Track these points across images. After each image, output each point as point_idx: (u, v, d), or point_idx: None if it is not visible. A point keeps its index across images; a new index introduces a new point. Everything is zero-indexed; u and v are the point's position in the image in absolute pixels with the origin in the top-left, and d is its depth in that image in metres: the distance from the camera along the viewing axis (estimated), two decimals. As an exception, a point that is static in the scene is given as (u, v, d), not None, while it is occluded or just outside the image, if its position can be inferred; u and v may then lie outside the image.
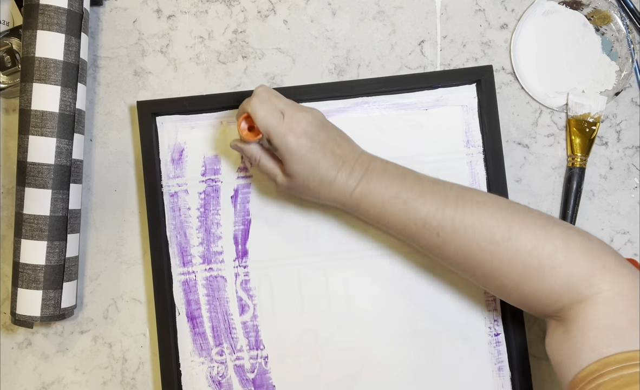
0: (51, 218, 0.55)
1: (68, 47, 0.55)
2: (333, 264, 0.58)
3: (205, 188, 0.59)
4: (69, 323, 0.61)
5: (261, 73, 0.61)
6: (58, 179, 0.55)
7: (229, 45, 0.61)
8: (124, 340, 0.61)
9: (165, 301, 0.58)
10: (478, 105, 0.58)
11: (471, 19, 0.61)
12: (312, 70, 0.61)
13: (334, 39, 0.61)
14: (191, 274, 0.59)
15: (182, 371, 0.58)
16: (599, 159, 0.60)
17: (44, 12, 0.54)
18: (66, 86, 0.55)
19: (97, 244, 0.61)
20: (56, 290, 0.55)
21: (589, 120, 0.58)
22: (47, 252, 0.55)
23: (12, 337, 0.61)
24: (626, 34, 0.59)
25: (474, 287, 0.57)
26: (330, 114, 0.58)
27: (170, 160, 0.59)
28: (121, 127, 0.61)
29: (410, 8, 0.61)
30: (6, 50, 0.59)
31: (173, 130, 0.59)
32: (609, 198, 0.59)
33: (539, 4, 0.60)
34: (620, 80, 0.59)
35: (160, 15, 0.62)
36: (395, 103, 0.58)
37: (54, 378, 0.61)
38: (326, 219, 0.58)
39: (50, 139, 0.54)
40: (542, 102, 0.60)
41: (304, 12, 0.61)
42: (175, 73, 0.61)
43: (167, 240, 0.59)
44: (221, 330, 0.59)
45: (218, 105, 0.58)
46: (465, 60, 0.61)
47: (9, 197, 0.62)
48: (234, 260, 0.59)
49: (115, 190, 0.61)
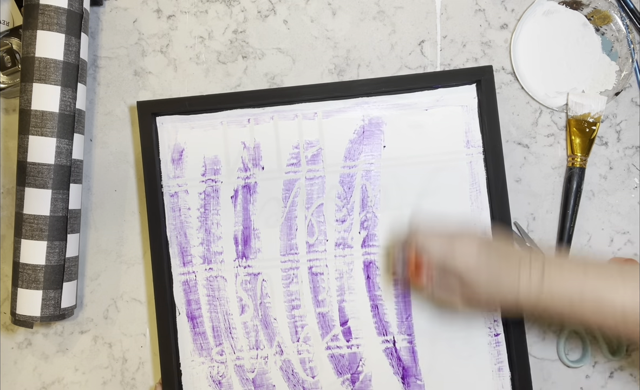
0: (51, 218, 0.55)
1: (68, 47, 0.55)
2: (333, 264, 0.58)
3: (205, 188, 0.59)
4: (69, 323, 0.61)
5: (261, 73, 0.61)
6: (58, 179, 0.55)
7: (229, 45, 0.61)
8: (124, 340, 0.61)
9: (165, 301, 0.58)
10: (478, 106, 0.58)
11: (471, 19, 0.61)
12: (312, 70, 0.61)
13: (334, 39, 0.61)
14: (191, 274, 0.59)
15: (182, 371, 0.58)
16: (599, 159, 0.60)
17: (44, 12, 0.54)
18: (66, 86, 0.55)
19: (97, 244, 0.61)
20: (56, 290, 0.55)
21: (589, 120, 0.58)
22: (47, 252, 0.55)
23: (12, 337, 0.61)
24: (626, 34, 0.59)
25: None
26: (330, 114, 0.58)
27: (170, 161, 0.59)
28: (121, 127, 0.61)
29: (410, 8, 0.61)
30: (6, 50, 0.59)
31: (173, 131, 0.59)
32: (609, 198, 0.59)
33: (539, 4, 0.60)
34: (620, 80, 0.59)
35: (160, 15, 0.62)
36: (395, 103, 0.58)
37: (54, 378, 0.61)
38: (326, 219, 0.58)
39: (50, 139, 0.54)
40: (542, 102, 0.60)
41: (304, 12, 0.61)
42: (175, 73, 0.61)
43: (167, 240, 0.59)
44: (221, 330, 0.59)
45: (218, 105, 0.58)
46: (465, 60, 0.60)
47: (9, 197, 0.62)
48: (234, 260, 0.59)
49: (115, 190, 0.61)
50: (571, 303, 0.46)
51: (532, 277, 0.47)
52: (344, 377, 0.58)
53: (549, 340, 0.59)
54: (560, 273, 0.47)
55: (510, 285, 0.47)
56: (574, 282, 0.46)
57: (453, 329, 0.57)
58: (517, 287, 0.47)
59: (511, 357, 0.57)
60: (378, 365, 0.58)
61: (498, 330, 0.57)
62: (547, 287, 0.46)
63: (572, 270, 0.47)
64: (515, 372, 0.56)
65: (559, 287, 0.46)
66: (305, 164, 0.58)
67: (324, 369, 0.58)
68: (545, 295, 0.46)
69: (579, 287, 0.46)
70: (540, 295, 0.47)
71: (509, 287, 0.47)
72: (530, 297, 0.47)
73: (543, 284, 0.46)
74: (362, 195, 0.58)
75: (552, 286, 0.46)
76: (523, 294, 0.47)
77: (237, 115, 0.59)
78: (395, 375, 0.58)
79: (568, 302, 0.46)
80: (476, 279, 0.48)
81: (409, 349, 0.58)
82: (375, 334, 0.58)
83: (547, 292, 0.46)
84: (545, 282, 0.46)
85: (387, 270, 0.58)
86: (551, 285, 0.46)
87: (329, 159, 0.58)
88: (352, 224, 0.58)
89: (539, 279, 0.47)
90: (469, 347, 0.57)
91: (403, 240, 0.53)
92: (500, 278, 0.48)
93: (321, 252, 0.58)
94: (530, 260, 0.48)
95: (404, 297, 0.58)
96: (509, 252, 0.49)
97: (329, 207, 0.58)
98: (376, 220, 0.58)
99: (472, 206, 0.58)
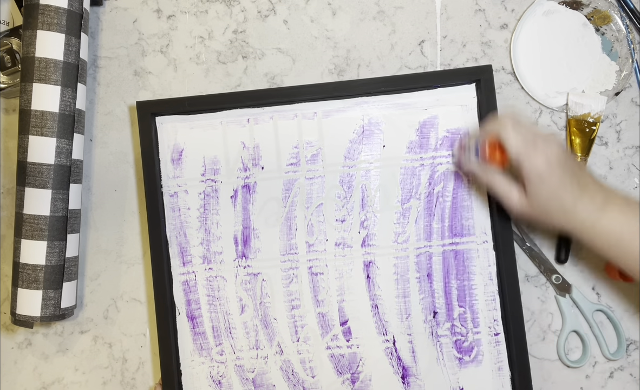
0: (51, 218, 0.55)
1: (68, 47, 0.55)
2: (333, 264, 0.58)
3: (204, 188, 0.59)
4: (69, 323, 0.61)
5: (261, 73, 0.61)
6: (58, 179, 0.55)
7: (229, 45, 0.61)
8: (124, 340, 0.61)
9: (165, 301, 0.58)
10: (478, 105, 0.58)
11: (471, 19, 0.61)
12: (312, 70, 0.61)
13: (334, 39, 0.61)
14: (191, 274, 0.59)
15: (182, 371, 0.58)
16: (599, 159, 0.60)
17: (44, 12, 0.54)
18: (66, 86, 0.55)
19: (97, 244, 0.61)
20: (56, 290, 0.55)
21: (589, 120, 0.58)
22: (47, 252, 0.55)
23: (12, 337, 0.61)
24: (626, 34, 0.59)
25: (473, 287, 0.57)
26: (330, 114, 0.58)
27: (170, 161, 0.59)
28: (121, 127, 0.62)
29: (410, 8, 0.61)
30: (6, 50, 0.59)
31: (173, 131, 0.59)
32: (609, 198, 0.59)
33: (539, 4, 0.60)
34: (620, 80, 0.59)
35: (160, 15, 0.62)
36: (395, 103, 0.58)
37: (54, 378, 0.61)
38: (326, 219, 0.58)
39: (50, 139, 0.54)
40: (542, 102, 0.60)
41: (304, 12, 0.61)
42: (175, 73, 0.61)
43: (167, 240, 0.59)
44: (221, 330, 0.59)
45: (218, 105, 0.58)
46: (465, 60, 0.60)
47: (9, 197, 0.62)
48: (234, 260, 0.59)
49: (115, 190, 0.61)
50: (621, 241, 0.48)
51: (593, 203, 0.48)
52: (344, 377, 0.58)
53: (549, 340, 0.59)
54: (620, 209, 0.48)
55: (570, 204, 0.48)
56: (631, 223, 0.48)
57: (453, 328, 0.57)
58: (574, 208, 0.48)
59: (511, 356, 0.57)
60: (378, 365, 0.58)
61: (498, 330, 0.57)
62: (603, 217, 0.48)
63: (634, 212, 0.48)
64: (515, 371, 0.56)
65: (615, 221, 0.48)
66: (305, 163, 0.58)
67: (323, 369, 0.58)
68: (599, 225, 0.48)
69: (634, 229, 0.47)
70: (594, 223, 0.48)
71: (569, 206, 0.49)
72: (584, 221, 0.49)
73: (601, 213, 0.48)
74: (361, 195, 0.58)
75: (608, 218, 0.48)
76: (578, 216, 0.49)
77: (236, 115, 0.59)
78: (395, 375, 0.58)
79: (618, 238, 0.48)
80: (544, 185, 0.49)
81: (409, 349, 0.58)
82: (375, 334, 0.58)
83: (602, 222, 0.48)
84: (604, 212, 0.48)
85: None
86: (607, 217, 0.48)
87: (329, 159, 0.58)
88: (351, 223, 0.58)
89: (598, 207, 0.48)
90: (469, 347, 0.57)
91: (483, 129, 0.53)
92: (564, 195, 0.48)
93: (321, 252, 0.58)
94: (597, 187, 0.49)
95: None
96: (580, 174, 0.50)
97: (329, 207, 0.58)
98: (376, 220, 0.58)
99: (474, 204, 0.58)
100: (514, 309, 0.56)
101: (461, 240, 0.58)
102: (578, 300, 0.58)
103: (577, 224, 0.49)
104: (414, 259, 0.58)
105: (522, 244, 0.59)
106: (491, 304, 0.57)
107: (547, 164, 0.48)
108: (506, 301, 0.56)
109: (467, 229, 0.58)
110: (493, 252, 0.57)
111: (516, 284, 0.56)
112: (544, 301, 0.59)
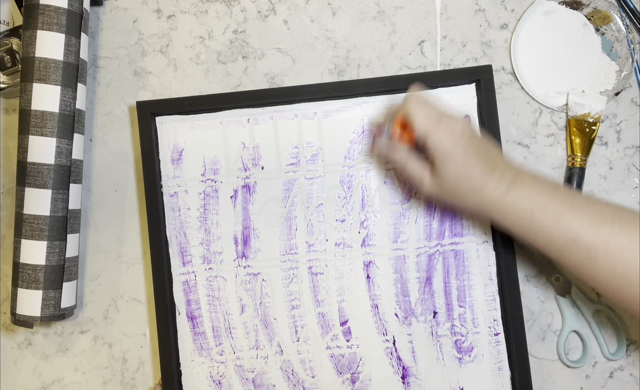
0: (51, 218, 0.55)
1: (68, 47, 0.55)
2: (333, 264, 0.58)
3: (204, 188, 0.59)
4: (69, 323, 0.61)
5: (261, 73, 0.61)
6: (58, 179, 0.55)
7: (229, 45, 0.61)
8: (124, 340, 0.61)
9: (165, 301, 0.58)
10: (477, 105, 0.58)
11: (471, 19, 0.61)
12: (312, 70, 0.61)
13: (334, 39, 0.61)
14: (191, 274, 0.59)
15: (182, 371, 0.58)
16: (599, 159, 0.60)
17: (44, 12, 0.54)
18: (66, 86, 0.55)
19: (97, 244, 0.61)
20: (56, 290, 0.55)
21: (589, 120, 0.58)
22: (47, 252, 0.55)
23: (12, 337, 0.61)
24: (626, 34, 0.59)
25: (473, 287, 0.57)
26: (329, 114, 0.58)
27: (170, 161, 0.59)
28: (121, 127, 0.62)
29: (410, 8, 0.61)
30: (6, 50, 0.59)
31: (173, 131, 0.59)
32: (609, 198, 0.59)
33: (539, 4, 0.60)
34: (620, 80, 0.59)
35: (160, 15, 0.62)
36: (395, 103, 0.58)
37: (54, 378, 0.61)
38: (326, 219, 0.58)
39: (50, 139, 0.54)
40: (542, 102, 0.60)
41: (304, 12, 0.61)
42: (175, 73, 0.61)
43: (167, 240, 0.59)
44: (221, 330, 0.59)
45: (218, 105, 0.58)
46: (465, 60, 0.60)
47: (9, 197, 0.62)
48: (234, 260, 0.59)
49: (115, 190, 0.61)
50: (531, 217, 0.46)
51: (503, 181, 0.47)
52: (344, 377, 0.58)
53: (549, 340, 0.59)
54: (530, 184, 0.47)
55: (479, 182, 0.48)
56: (540, 197, 0.46)
57: (453, 328, 0.57)
58: (484, 186, 0.47)
59: (511, 356, 0.57)
60: (378, 365, 0.58)
61: (498, 330, 0.57)
62: (513, 193, 0.47)
63: (542, 187, 0.47)
64: (515, 371, 0.56)
65: (525, 196, 0.47)
66: (305, 163, 0.58)
67: (323, 369, 0.58)
68: (509, 200, 0.47)
69: (544, 203, 0.46)
70: (503, 199, 0.47)
71: (477, 183, 0.48)
72: (494, 198, 0.47)
73: (510, 189, 0.47)
74: (361, 195, 0.58)
75: (518, 194, 0.47)
76: (488, 194, 0.47)
77: (236, 115, 0.59)
78: (395, 375, 0.58)
79: (529, 215, 0.46)
80: (449, 163, 0.48)
81: (409, 349, 0.58)
82: (375, 334, 0.58)
83: (512, 197, 0.47)
84: (513, 188, 0.47)
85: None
86: (517, 193, 0.47)
87: (329, 159, 0.58)
88: (351, 223, 0.58)
89: (508, 184, 0.47)
90: (469, 347, 0.57)
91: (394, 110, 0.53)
92: (472, 172, 0.48)
93: (321, 252, 0.58)
94: (506, 165, 0.48)
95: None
96: (488, 152, 0.49)
97: (329, 207, 0.58)
98: (376, 220, 0.58)
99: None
100: (514, 309, 0.56)
101: (461, 240, 0.58)
102: (578, 300, 0.58)
103: (488, 204, 0.48)
104: (414, 259, 0.58)
105: (522, 243, 0.59)
106: (491, 304, 0.57)
107: (452, 140, 0.48)
108: (506, 301, 0.56)
109: (467, 229, 0.58)
110: (493, 252, 0.57)
111: (516, 284, 0.56)
112: (544, 301, 0.59)
